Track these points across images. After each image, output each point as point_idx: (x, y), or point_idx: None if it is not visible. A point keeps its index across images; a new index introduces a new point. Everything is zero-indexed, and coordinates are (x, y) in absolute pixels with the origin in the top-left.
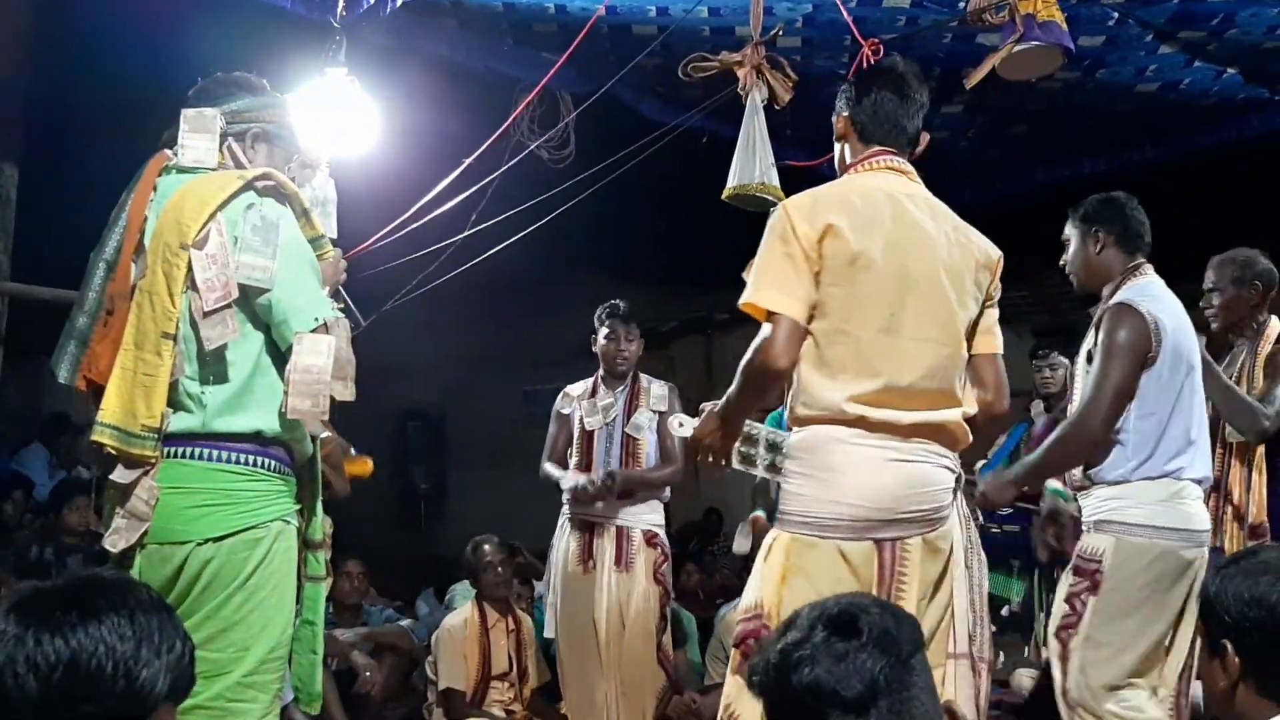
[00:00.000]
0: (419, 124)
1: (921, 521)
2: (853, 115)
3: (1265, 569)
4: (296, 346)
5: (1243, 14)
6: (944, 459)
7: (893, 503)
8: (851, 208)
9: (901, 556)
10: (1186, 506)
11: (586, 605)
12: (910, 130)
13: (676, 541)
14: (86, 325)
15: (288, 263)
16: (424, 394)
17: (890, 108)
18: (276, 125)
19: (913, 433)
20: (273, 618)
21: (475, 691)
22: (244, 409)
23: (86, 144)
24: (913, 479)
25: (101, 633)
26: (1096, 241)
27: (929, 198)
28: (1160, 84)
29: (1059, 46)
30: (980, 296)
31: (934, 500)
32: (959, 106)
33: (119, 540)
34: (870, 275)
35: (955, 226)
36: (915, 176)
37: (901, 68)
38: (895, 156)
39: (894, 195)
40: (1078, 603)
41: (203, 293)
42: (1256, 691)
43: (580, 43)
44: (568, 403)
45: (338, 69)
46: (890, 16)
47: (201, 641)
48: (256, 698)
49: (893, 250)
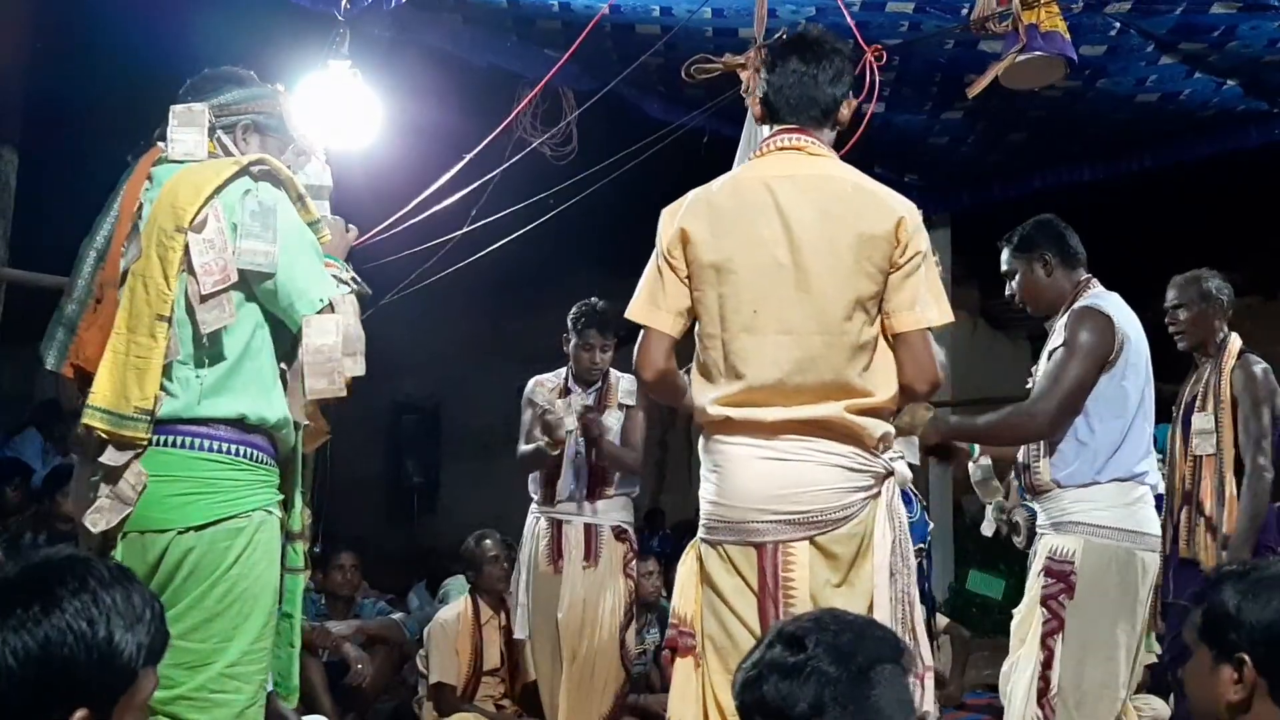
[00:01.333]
0: (421, 118)
1: (805, 523)
2: (763, 96)
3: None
4: (306, 329)
5: (1243, 26)
6: (834, 456)
7: (763, 503)
8: (714, 209)
9: (786, 562)
10: (1145, 511)
11: (554, 603)
12: (823, 101)
13: (671, 540)
14: (75, 313)
15: (288, 246)
16: (419, 387)
17: (795, 79)
18: (266, 116)
19: (782, 430)
20: (255, 608)
21: (466, 686)
22: (229, 392)
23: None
24: (787, 479)
25: (66, 621)
26: (1045, 265)
27: (820, 173)
28: (1160, 94)
29: (1062, 57)
30: (876, 271)
31: (816, 501)
32: (959, 112)
33: (100, 520)
34: (732, 277)
35: (843, 200)
36: (816, 149)
37: (813, 33)
38: (795, 134)
39: (771, 182)
40: (1056, 606)
41: (200, 277)
42: (1276, 704)
43: (584, 40)
44: (541, 393)
45: (341, 61)
46: (893, 21)
47: (184, 632)
48: (240, 688)
49: (756, 246)
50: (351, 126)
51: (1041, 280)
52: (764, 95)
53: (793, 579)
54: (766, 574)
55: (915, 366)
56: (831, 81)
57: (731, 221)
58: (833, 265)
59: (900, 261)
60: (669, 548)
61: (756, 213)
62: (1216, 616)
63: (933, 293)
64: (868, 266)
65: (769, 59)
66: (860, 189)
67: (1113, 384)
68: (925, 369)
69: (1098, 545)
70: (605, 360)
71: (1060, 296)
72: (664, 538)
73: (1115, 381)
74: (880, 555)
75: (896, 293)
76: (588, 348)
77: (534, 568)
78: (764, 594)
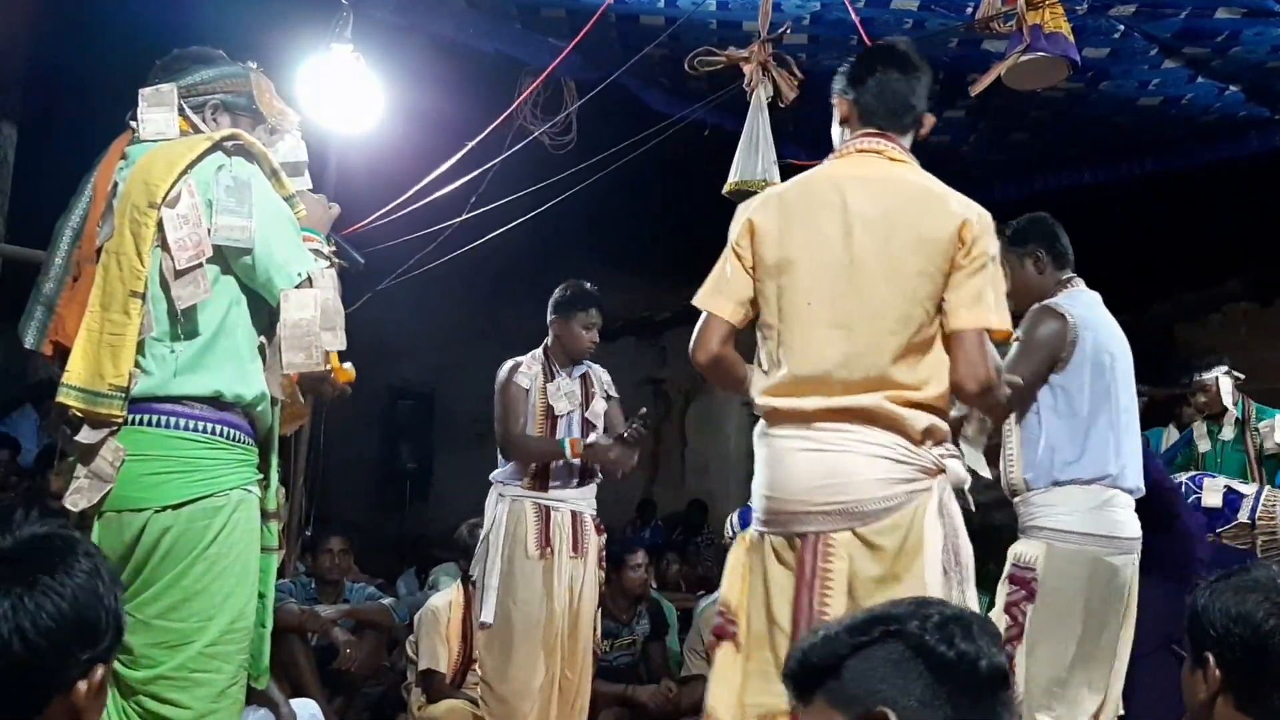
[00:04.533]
0: (422, 103)
1: (846, 514)
2: (857, 96)
3: (1254, 586)
4: (283, 304)
5: (1247, 32)
6: (875, 446)
7: (804, 494)
8: (784, 204)
9: (825, 552)
10: (1115, 514)
11: (541, 592)
12: (919, 108)
13: (662, 531)
14: (53, 290)
15: (265, 220)
16: (415, 373)
17: (897, 86)
18: (235, 95)
19: (822, 419)
20: (235, 587)
21: (455, 674)
22: (204, 369)
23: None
24: (828, 469)
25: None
26: (1036, 261)
27: (892, 175)
28: (1163, 98)
29: (1065, 58)
30: (935, 271)
31: (859, 491)
32: (962, 111)
33: (80, 500)
34: (792, 270)
35: (908, 201)
36: (896, 154)
37: (903, 46)
38: (878, 138)
39: (843, 182)
40: (1018, 612)
41: (174, 252)
42: (1235, 706)
43: (588, 30)
44: (526, 378)
45: (343, 45)
46: (898, 18)
47: (163, 610)
48: (220, 668)
49: (817, 243)
50: (353, 111)
51: (1031, 277)
52: (855, 99)
53: (831, 570)
54: (806, 564)
55: (966, 365)
56: (922, 93)
57: (798, 217)
58: (889, 264)
59: (963, 262)
60: (660, 539)
61: (822, 210)
62: (1191, 619)
63: (996, 297)
64: (927, 267)
65: (862, 65)
66: (929, 192)
67: (1064, 381)
68: (976, 368)
69: (1060, 550)
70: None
71: (1044, 294)
72: (655, 529)
73: (1067, 379)
74: (931, 549)
75: (956, 291)
76: (588, 327)
77: (512, 553)
78: (801, 583)
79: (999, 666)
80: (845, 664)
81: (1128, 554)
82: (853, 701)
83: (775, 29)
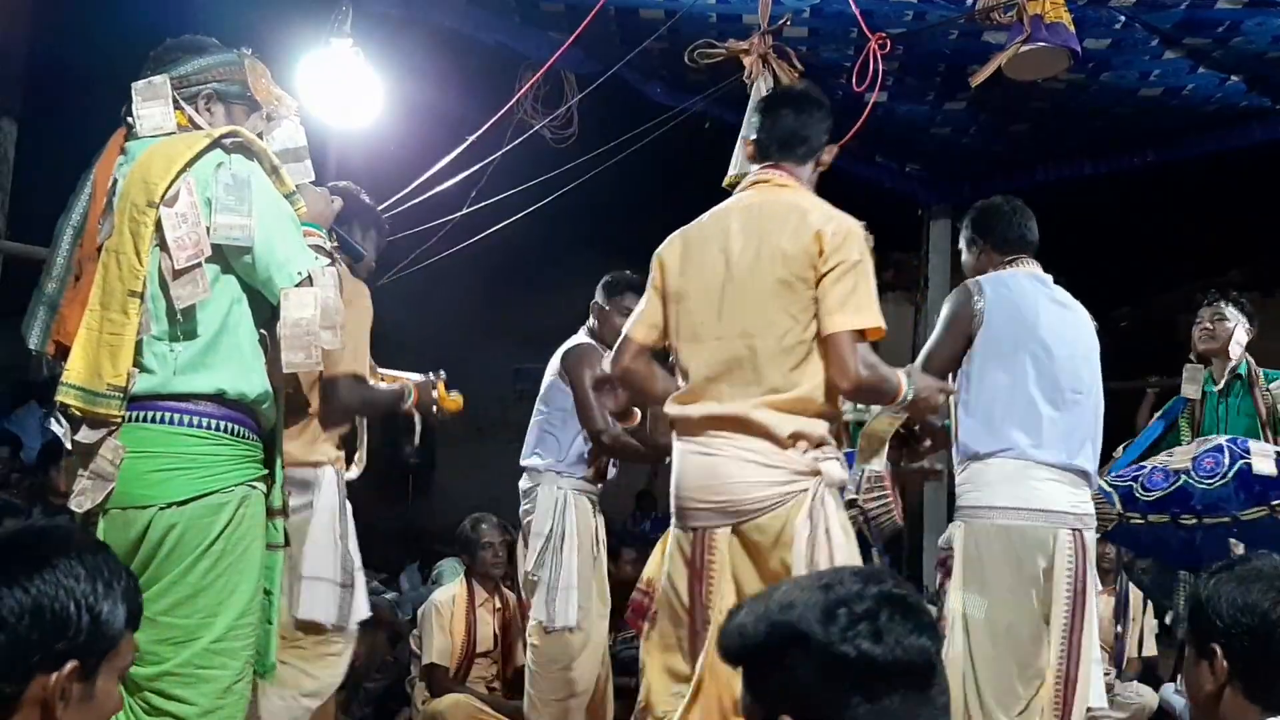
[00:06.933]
0: (422, 97)
1: (725, 512)
2: (757, 136)
3: (1258, 576)
4: (284, 303)
5: (1249, 23)
6: (748, 452)
7: (692, 492)
8: (686, 242)
9: (710, 545)
10: (1035, 485)
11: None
12: (814, 140)
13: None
14: (56, 290)
15: (265, 218)
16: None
17: (787, 122)
18: (228, 83)
19: (706, 426)
20: (241, 584)
21: (459, 668)
22: (207, 368)
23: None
24: (709, 471)
25: (57, 577)
26: (978, 249)
27: (770, 199)
28: (1164, 89)
29: (1065, 48)
30: (796, 281)
31: (733, 492)
32: (962, 103)
33: (84, 500)
34: (685, 298)
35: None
36: (782, 179)
37: (800, 87)
38: (770, 169)
39: (732, 212)
40: (942, 595)
41: (173, 251)
42: (1244, 695)
43: (588, 24)
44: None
45: (343, 39)
46: (898, 11)
47: (169, 607)
48: (226, 664)
49: (704, 272)
50: (353, 105)
51: (970, 265)
52: (755, 138)
53: (714, 562)
54: (695, 557)
55: (837, 366)
56: (817, 127)
57: (692, 251)
58: (757, 279)
59: (824, 270)
60: (660, 531)
61: (711, 242)
62: (1196, 610)
63: (863, 300)
64: (788, 277)
65: (761, 109)
66: (795, 209)
67: (983, 349)
68: (846, 368)
69: (976, 527)
70: None
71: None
72: (656, 521)
73: (985, 349)
74: (797, 547)
75: (823, 299)
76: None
77: (584, 550)
78: (692, 572)
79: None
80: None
81: (1060, 525)
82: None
83: (775, 21)
